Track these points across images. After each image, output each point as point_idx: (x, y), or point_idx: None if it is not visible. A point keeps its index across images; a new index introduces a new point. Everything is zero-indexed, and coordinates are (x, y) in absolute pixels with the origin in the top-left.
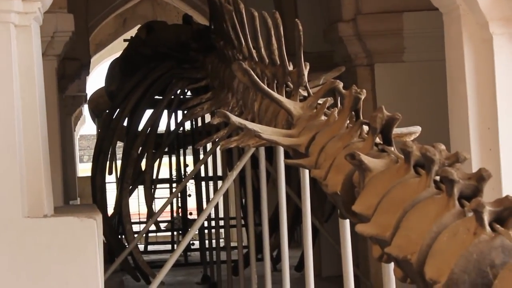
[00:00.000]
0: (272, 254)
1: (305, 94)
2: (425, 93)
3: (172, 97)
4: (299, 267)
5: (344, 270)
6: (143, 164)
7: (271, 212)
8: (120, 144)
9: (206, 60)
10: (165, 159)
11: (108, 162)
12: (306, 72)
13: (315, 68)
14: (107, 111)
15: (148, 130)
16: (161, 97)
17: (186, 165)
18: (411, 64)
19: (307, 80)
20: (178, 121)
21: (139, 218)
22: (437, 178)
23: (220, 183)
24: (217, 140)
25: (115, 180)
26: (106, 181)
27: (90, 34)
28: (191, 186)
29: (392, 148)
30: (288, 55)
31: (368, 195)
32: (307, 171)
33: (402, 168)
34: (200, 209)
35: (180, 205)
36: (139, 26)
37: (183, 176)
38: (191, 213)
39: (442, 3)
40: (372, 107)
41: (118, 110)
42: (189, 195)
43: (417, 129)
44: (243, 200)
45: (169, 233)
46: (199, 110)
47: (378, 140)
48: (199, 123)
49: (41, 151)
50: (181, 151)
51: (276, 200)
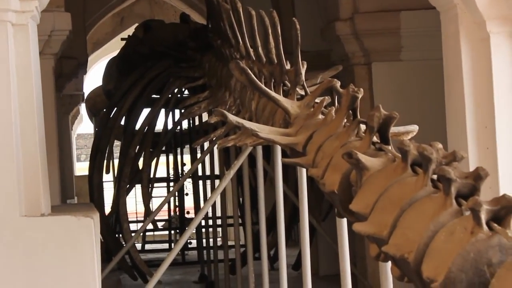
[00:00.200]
0: (269, 253)
1: (303, 93)
2: (423, 92)
3: (170, 96)
4: (296, 266)
5: (341, 269)
6: (141, 163)
7: (269, 211)
8: (117, 143)
9: (203, 59)
10: (163, 158)
11: (105, 161)
12: (303, 71)
13: (312, 67)
14: (105, 110)
15: (146, 129)
16: (159, 96)
17: (183, 164)
18: (409, 63)
19: (304, 79)
20: (176, 120)
21: (137, 217)
22: (434, 177)
23: (217, 182)
24: (214, 139)
25: (112, 179)
26: (104, 180)
27: (87, 33)
28: (188, 185)
29: (390, 147)
30: (285, 54)
31: (366, 194)
32: (304, 170)
33: (399, 167)
34: (197, 208)
35: (177, 204)
36: (136, 25)
37: (180, 175)
38: (188, 212)
39: (440, 2)
40: (369, 106)
41: (116, 109)
42: (187, 194)
43: (415, 128)
44: (241, 199)
45: (167, 232)
46: (197, 109)
47: (375, 139)
48: (197, 122)
49: (38, 150)
50: (179, 150)
51: (274, 199)
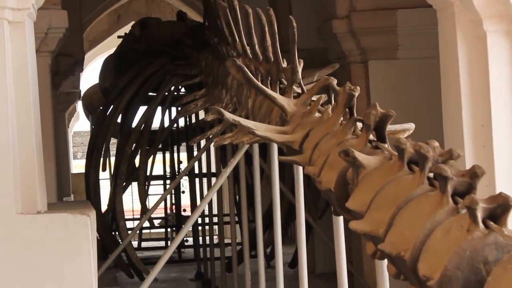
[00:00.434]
0: (266, 251)
1: (299, 91)
2: (419, 90)
3: (166, 93)
4: (292, 264)
5: (337, 267)
6: (137, 161)
7: (265, 209)
8: (114, 141)
9: (200, 57)
10: (159, 156)
11: (102, 159)
12: (300, 69)
13: (309, 65)
14: (101, 107)
15: (142, 127)
16: (155, 94)
17: (180, 162)
18: (405, 61)
19: (301, 77)
20: (172, 117)
21: (133, 215)
22: (431, 175)
23: (214, 179)
24: (211, 136)
25: (108, 177)
26: (100, 177)
27: (84, 30)
28: (185, 182)
29: (386, 145)
30: (282, 52)
31: (362, 192)
32: (301, 168)
33: (396, 165)
34: (194, 206)
35: (174, 201)
36: (133, 22)
37: (177, 173)
38: (184, 210)
39: (436, 1)
40: (366, 104)
41: (112, 106)
42: (183, 192)
43: (411, 126)
44: (237, 196)
45: (163, 230)
46: (193, 107)
47: (372, 137)
48: (193, 120)
49: (34, 147)
50: (175, 148)
51: (270, 197)
